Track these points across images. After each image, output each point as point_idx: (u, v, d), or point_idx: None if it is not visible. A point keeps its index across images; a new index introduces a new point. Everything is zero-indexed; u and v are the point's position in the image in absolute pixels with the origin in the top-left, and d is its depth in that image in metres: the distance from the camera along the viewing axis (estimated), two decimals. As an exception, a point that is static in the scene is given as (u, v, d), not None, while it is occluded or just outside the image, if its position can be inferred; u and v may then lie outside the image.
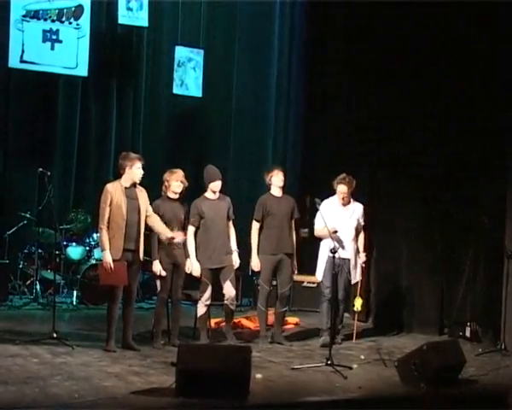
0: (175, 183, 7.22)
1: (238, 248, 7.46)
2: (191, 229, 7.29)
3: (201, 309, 7.32)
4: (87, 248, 9.76)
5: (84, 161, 10.67)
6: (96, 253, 9.65)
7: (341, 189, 7.58)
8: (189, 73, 11.23)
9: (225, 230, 7.35)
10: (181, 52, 11.09)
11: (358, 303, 7.76)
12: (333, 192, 7.67)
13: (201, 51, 11.21)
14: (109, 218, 6.77)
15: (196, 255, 7.25)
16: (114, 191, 6.80)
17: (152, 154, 11.11)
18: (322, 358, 6.70)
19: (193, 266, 7.24)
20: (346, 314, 8.15)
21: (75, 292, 9.38)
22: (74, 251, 9.72)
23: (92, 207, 10.18)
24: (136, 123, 11.01)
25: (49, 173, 7.48)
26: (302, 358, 7.06)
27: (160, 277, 7.09)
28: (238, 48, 11.47)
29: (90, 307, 9.25)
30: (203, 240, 7.29)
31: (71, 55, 10.20)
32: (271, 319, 7.80)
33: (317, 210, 7.30)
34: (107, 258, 6.73)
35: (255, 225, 7.56)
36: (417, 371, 5.92)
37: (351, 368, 6.61)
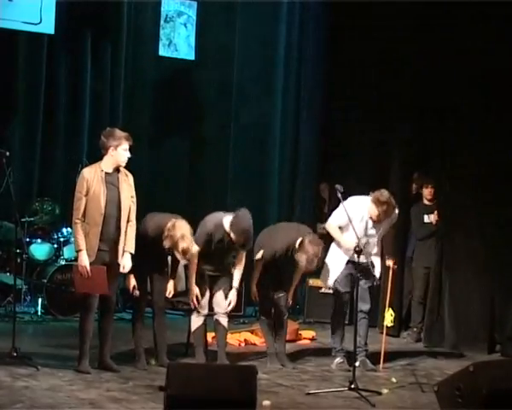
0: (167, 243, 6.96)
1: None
2: (196, 249, 7.06)
3: (197, 320, 7.26)
4: (55, 245, 9.75)
5: (51, 138, 10.66)
6: (66, 251, 9.64)
7: (375, 212, 7.20)
8: (178, 31, 11.21)
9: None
10: (169, 4, 11.06)
11: (389, 317, 7.66)
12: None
13: (194, 3, 11.16)
14: (85, 211, 6.74)
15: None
16: (92, 178, 6.76)
17: (134, 130, 11.05)
18: (345, 381, 6.69)
19: (192, 293, 7.17)
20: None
21: (40, 300, 9.37)
22: (39, 249, 9.71)
23: (61, 196, 10.27)
24: (114, 92, 11.00)
25: (7, 153, 7.45)
26: (319, 380, 7.05)
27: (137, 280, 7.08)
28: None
29: (58, 318, 9.25)
30: (207, 255, 7.17)
31: (33, 7, 10.19)
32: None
33: (339, 201, 7.17)
34: (84, 260, 6.71)
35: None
36: (462, 398, 5.88)
37: (380, 394, 6.60)
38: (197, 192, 11.21)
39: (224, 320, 7.29)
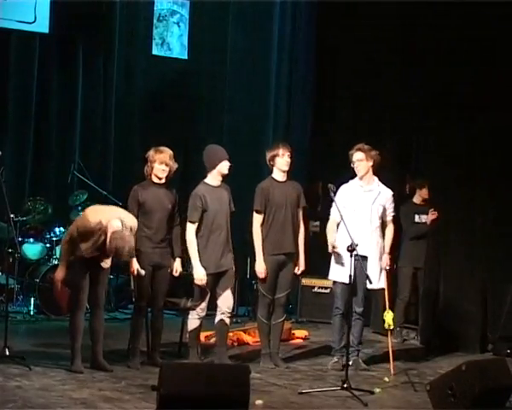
0: (158, 166, 7.14)
1: (233, 246, 7.36)
2: (192, 227, 7.12)
3: (194, 322, 7.21)
4: (47, 245, 9.73)
5: (43, 137, 10.65)
6: (59, 251, 9.61)
7: (356, 156, 7.49)
8: (171, 30, 11.21)
9: (228, 225, 7.27)
10: (162, 4, 11.05)
11: (389, 318, 7.57)
12: (354, 175, 7.62)
13: (187, 3, 11.16)
14: None
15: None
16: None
17: (126, 129, 11.10)
18: (337, 380, 6.69)
19: (197, 274, 7.09)
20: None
21: (33, 300, 9.36)
22: (32, 249, 9.69)
23: (54, 195, 10.25)
24: (107, 91, 11.00)
25: (0, 153, 7.45)
26: (312, 380, 7.05)
27: (138, 281, 7.03)
28: (233, -1, 11.46)
29: (50, 318, 9.22)
30: (207, 240, 7.14)
31: (27, 6, 10.17)
32: None
33: (331, 200, 7.19)
34: (59, 275, 6.80)
35: (257, 219, 7.40)
36: (454, 397, 5.90)
37: (372, 393, 6.60)
38: (191, 190, 11.19)
39: (228, 320, 7.27)
